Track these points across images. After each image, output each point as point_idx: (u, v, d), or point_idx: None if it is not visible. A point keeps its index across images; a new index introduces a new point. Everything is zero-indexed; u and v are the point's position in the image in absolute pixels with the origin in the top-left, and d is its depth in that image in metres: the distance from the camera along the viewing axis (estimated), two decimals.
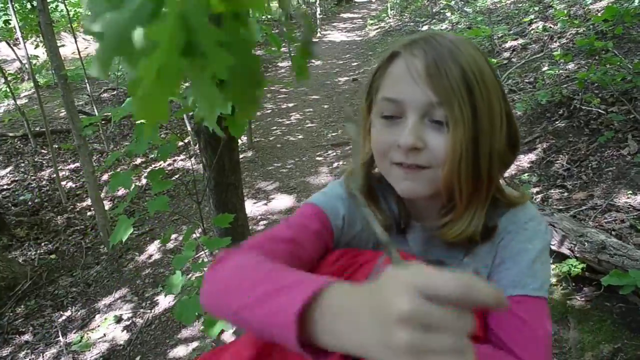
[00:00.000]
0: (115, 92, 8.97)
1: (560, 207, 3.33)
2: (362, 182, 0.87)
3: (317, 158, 5.71)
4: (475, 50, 0.77)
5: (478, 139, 0.73)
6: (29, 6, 6.71)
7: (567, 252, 2.83)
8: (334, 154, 5.75)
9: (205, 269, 2.20)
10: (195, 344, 3.09)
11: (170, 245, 4.27)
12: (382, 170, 0.83)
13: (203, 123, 2.43)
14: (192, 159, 4.84)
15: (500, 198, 0.83)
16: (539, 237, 0.82)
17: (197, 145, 2.53)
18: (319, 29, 14.68)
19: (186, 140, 5.46)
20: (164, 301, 3.58)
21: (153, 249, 4.34)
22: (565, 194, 3.48)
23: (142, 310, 3.55)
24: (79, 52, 6.89)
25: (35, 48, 8.64)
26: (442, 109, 0.72)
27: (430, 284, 0.41)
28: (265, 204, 4.78)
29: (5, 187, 6.18)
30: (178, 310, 1.98)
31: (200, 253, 3.32)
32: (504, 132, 0.78)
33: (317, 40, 14.12)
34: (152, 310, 3.51)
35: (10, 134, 7.69)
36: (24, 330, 3.56)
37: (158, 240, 4.44)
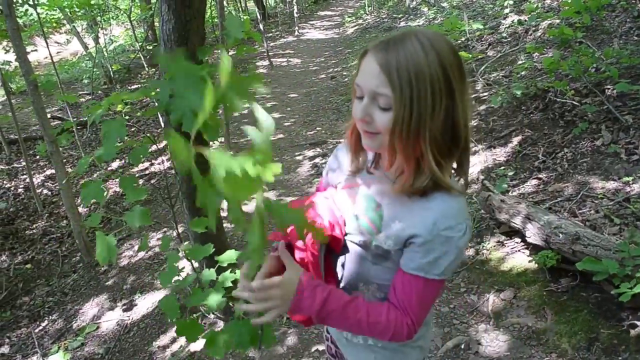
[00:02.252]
0: (90, 98, 8.85)
1: (537, 199, 3.35)
2: (355, 133, 1.18)
3: (297, 157, 5.69)
4: (425, 54, 0.96)
5: (403, 122, 0.98)
6: None
7: (542, 243, 2.85)
8: (313, 153, 5.73)
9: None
10: (173, 350, 3.05)
11: (149, 251, 4.22)
12: (360, 131, 1.11)
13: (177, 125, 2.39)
14: (165, 162, 4.78)
15: (437, 179, 1.04)
16: (450, 244, 1.05)
17: (169, 148, 2.49)
18: (296, 28, 14.62)
19: (163, 144, 5.40)
20: (142, 308, 3.53)
21: (131, 255, 4.28)
22: (541, 186, 3.50)
23: (120, 317, 3.49)
24: (51, 57, 6.77)
25: (5, 53, 8.47)
26: (383, 97, 0.99)
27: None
28: (245, 204, 4.75)
29: None
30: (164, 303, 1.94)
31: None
32: (439, 122, 0.99)
33: (295, 38, 14.07)
34: (130, 318, 3.46)
35: None
36: None
37: (136, 247, 4.38)
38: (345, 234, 1.21)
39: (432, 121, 0.98)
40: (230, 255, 2.15)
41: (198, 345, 3.03)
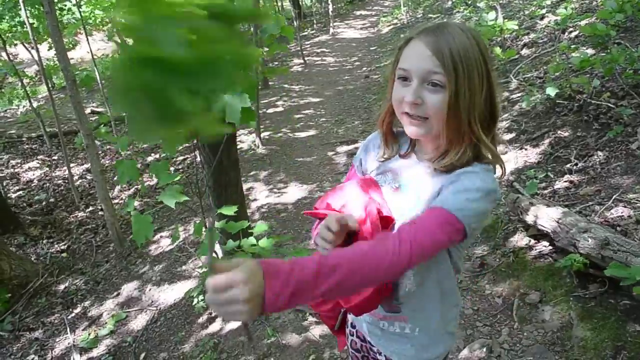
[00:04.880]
0: None
1: (567, 203, 3.28)
2: (387, 122, 1.26)
3: (329, 153, 5.73)
4: (468, 39, 1.06)
5: (458, 100, 1.04)
6: (42, 9, 6.80)
7: (570, 248, 2.79)
8: (343, 150, 5.74)
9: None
10: (198, 340, 3.11)
11: (177, 243, 4.32)
12: (398, 116, 1.17)
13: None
14: (197, 157, 4.90)
15: (481, 152, 1.12)
16: (474, 180, 1.08)
17: (196, 144, 2.55)
18: (331, 27, 14.64)
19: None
20: (170, 298, 3.62)
21: (160, 247, 4.38)
22: (572, 189, 3.43)
23: (148, 307, 3.59)
24: (91, 53, 6.99)
25: (48, 49, 8.76)
26: (437, 76, 1.04)
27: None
28: (278, 196, 4.87)
29: (21, 186, 6.29)
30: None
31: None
32: (482, 99, 1.07)
33: (330, 37, 14.09)
34: (158, 308, 3.55)
35: (26, 136, 7.84)
36: (34, 327, 3.62)
37: (165, 239, 4.49)
38: None
39: (479, 99, 1.07)
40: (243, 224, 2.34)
41: (222, 333, 3.09)
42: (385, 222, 1.18)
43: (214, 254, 2.57)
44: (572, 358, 2.41)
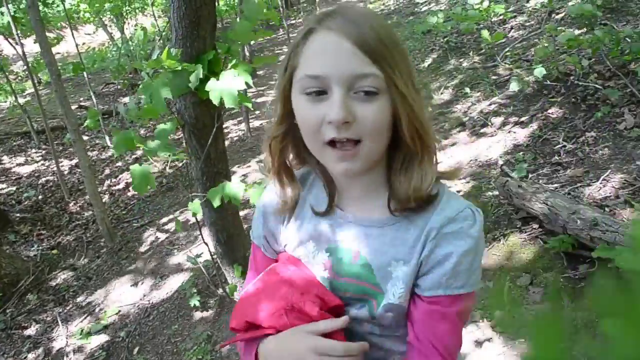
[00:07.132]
0: (115, 87, 9.00)
1: (556, 185, 3.29)
2: (278, 158, 0.88)
3: None
4: (382, 19, 0.79)
5: (406, 105, 0.74)
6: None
7: (560, 229, 2.80)
8: None
9: None
10: (191, 333, 3.11)
11: (163, 235, 4.31)
12: (314, 151, 0.81)
13: (184, 111, 2.42)
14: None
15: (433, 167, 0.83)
16: (462, 240, 0.80)
17: (183, 136, 2.53)
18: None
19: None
20: (162, 292, 3.61)
21: (151, 241, 4.37)
22: (561, 171, 3.44)
23: (140, 302, 3.58)
24: (77, 47, 6.91)
25: (34, 43, 8.64)
26: (369, 79, 0.72)
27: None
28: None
29: (10, 184, 6.23)
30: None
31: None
32: (422, 96, 0.78)
33: None
34: (150, 302, 3.54)
35: (14, 132, 7.75)
36: (26, 325, 3.61)
37: (156, 233, 4.47)
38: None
39: (421, 96, 0.79)
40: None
41: (215, 324, 3.09)
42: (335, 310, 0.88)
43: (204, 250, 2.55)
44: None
